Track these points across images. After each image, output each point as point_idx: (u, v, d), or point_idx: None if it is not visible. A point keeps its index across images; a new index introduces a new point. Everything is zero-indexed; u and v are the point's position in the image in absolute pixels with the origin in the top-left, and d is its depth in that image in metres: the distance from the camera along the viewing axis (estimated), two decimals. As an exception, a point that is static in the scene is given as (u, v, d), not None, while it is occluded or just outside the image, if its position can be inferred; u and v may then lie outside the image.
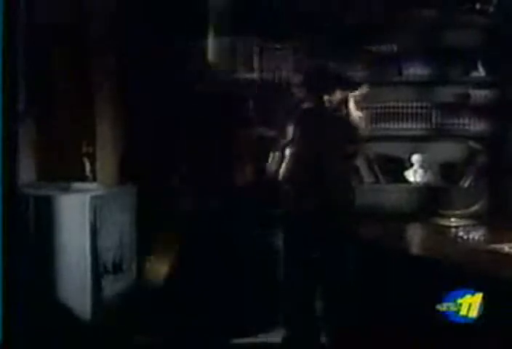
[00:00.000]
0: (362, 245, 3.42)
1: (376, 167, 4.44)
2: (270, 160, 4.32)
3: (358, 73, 4.35)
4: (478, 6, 4.40)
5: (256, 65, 4.40)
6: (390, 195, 4.30)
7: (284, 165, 4.06)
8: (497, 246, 3.13)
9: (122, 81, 4.05)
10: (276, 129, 4.18)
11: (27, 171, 3.87)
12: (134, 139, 4.10)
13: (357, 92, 3.70)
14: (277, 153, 4.25)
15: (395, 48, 4.47)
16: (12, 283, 3.18)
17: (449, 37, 4.45)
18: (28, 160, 3.88)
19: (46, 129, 3.86)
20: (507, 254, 3.06)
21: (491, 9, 4.40)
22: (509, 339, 2.46)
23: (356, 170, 4.28)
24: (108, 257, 3.77)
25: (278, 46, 4.40)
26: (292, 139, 3.77)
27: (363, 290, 3.28)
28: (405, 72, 4.48)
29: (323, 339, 3.56)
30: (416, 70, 4.48)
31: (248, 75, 4.39)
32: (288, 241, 3.68)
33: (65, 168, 3.98)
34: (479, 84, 4.47)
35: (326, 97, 3.67)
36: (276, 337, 3.82)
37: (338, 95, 3.69)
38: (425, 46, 4.47)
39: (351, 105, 3.66)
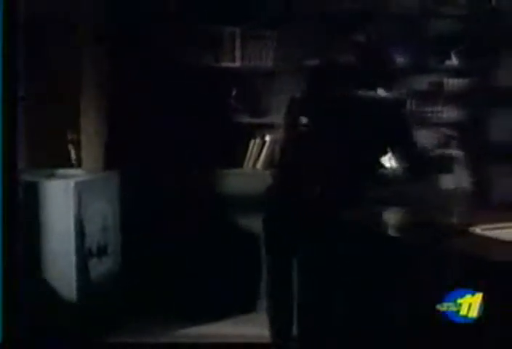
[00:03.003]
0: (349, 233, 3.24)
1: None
2: (250, 147, 4.43)
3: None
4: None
5: (238, 53, 4.44)
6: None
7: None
8: (470, 228, 3.22)
9: (107, 69, 4.10)
10: (260, 116, 4.30)
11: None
12: (118, 127, 4.15)
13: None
14: (258, 140, 4.38)
15: (372, 36, 4.56)
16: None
17: (424, 26, 4.56)
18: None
19: (31, 116, 3.91)
20: (479, 236, 3.14)
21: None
22: (509, 339, 2.42)
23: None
24: (93, 241, 3.87)
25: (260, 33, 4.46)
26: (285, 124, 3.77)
27: (361, 288, 3.09)
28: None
29: (320, 339, 3.35)
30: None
31: (230, 64, 4.44)
32: (268, 230, 3.51)
33: (50, 155, 4.06)
34: (452, 72, 4.60)
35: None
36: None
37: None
38: (401, 35, 4.57)
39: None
